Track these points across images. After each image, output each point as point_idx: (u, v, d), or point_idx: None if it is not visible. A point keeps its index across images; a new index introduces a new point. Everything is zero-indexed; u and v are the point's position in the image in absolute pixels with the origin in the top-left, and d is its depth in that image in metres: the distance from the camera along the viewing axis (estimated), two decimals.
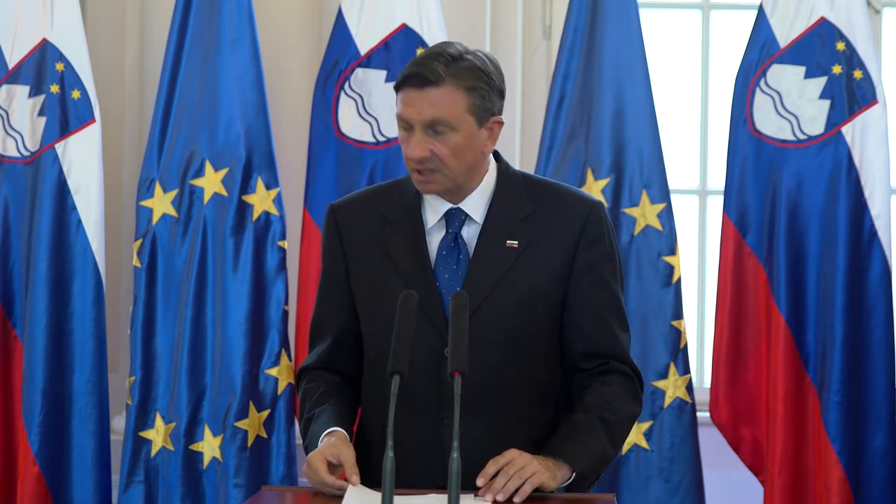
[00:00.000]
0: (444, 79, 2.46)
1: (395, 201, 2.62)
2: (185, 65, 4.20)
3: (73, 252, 4.14)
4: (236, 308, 4.14)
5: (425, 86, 2.47)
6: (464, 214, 2.57)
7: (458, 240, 2.57)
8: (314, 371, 2.69)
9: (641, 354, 4.16)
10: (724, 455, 4.32)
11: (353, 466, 2.43)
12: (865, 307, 4.11)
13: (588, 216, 2.58)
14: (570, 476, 2.48)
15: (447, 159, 2.50)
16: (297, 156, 4.46)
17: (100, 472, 4.12)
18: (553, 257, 2.55)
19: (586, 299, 2.57)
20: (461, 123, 2.49)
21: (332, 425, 2.54)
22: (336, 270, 2.65)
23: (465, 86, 2.48)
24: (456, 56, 2.49)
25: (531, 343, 2.56)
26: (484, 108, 2.51)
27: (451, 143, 2.49)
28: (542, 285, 2.55)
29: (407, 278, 2.54)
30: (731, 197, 4.20)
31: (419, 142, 2.48)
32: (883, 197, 4.14)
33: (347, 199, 2.70)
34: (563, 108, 4.24)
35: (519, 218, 2.57)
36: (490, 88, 2.51)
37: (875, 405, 4.10)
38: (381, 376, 2.57)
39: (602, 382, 2.58)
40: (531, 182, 2.64)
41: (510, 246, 2.55)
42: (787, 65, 4.17)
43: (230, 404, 4.12)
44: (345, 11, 4.27)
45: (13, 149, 4.17)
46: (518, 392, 2.54)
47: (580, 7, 4.25)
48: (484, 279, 2.53)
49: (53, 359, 4.10)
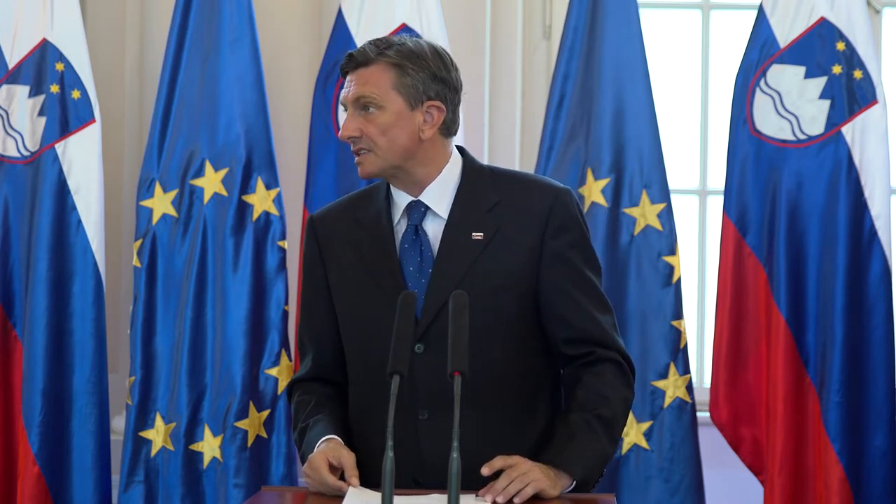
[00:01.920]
0: (373, 58, 2.53)
1: (368, 205, 2.65)
2: (185, 65, 4.20)
3: (73, 252, 4.14)
4: (236, 308, 4.14)
5: (357, 67, 2.54)
6: (423, 206, 2.58)
7: (418, 232, 2.58)
8: (305, 383, 2.70)
9: (641, 354, 4.16)
10: (724, 455, 4.32)
11: (353, 468, 2.44)
12: (865, 307, 4.11)
13: (553, 203, 2.58)
14: (570, 484, 2.48)
15: (376, 137, 2.54)
16: (297, 156, 4.46)
17: (100, 472, 4.12)
18: (520, 247, 2.56)
19: (559, 286, 2.57)
20: (386, 101, 2.53)
21: (329, 433, 2.55)
22: (317, 280, 2.67)
23: (392, 63, 2.53)
24: (392, 42, 2.56)
25: (505, 335, 2.55)
26: (414, 88, 2.54)
27: (379, 121, 2.53)
28: (510, 275, 2.55)
29: (375, 275, 2.57)
30: (731, 197, 4.20)
31: (348, 120, 2.55)
32: (883, 197, 4.14)
33: (325, 210, 2.73)
34: (563, 108, 4.24)
35: (484, 210, 2.58)
36: (421, 70, 2.53)
37: (875, 405, 4.10)
38: (361, 378, 2.61)
39: (593, 374, 2.57)
40: (497, 174, 2.65)
41: (476, 238, 2.56)
42: (787, 65, 4.17)
43: (230, 404, 4.13)
44: (345, 11, 4.27)
45: (13, 149, 4.17)
46: (494, 384, 2.53)
47: (580, 7, 4.25)
48: (451, 273, 2.53)
49: (53, 359, 4.10)
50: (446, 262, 2.55)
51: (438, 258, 2.55)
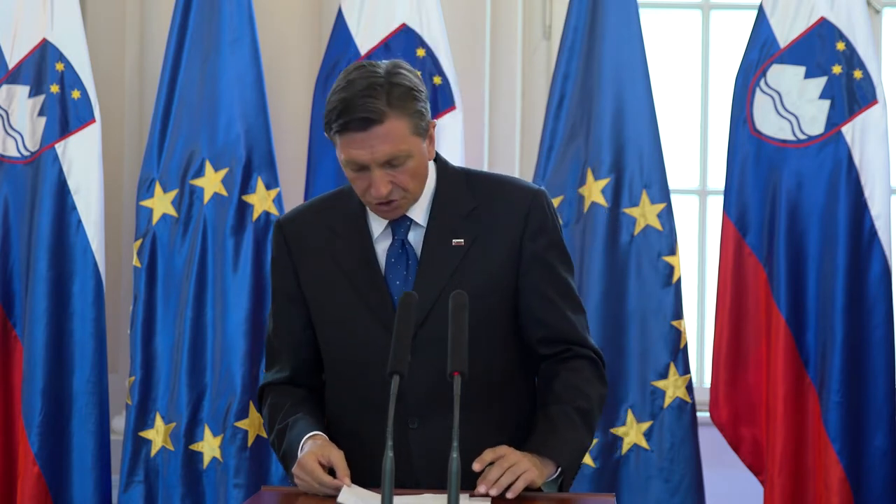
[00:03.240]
0: (387, 112, 2.45)
1: (339, 212, 2.63)
2: (185, 65, 4.20)
3: (73, 252, 4.14)
4: (236, 308, 4.15)
5: (370, 126, 2.45)
6: (409, 220, 2.59)
7: (405, 245, 2.59)
8: (278, 386, 2.70)
9: (641, 354, 4.17)
10: (724, 455, 4.32)
11: (344, 468, 2.44)
12: (865, 307, 4.11)
13: (530, 206, 2.60)
14: (554, 471, 2.51)
15: (408, 184, 2.52)
16: (297, 156, 4.46)
17: (100, 472, 4.12)
18: (500, 251, 2.58)
19: (537, 287, 2.60)
20: (412, 148, 2.50)
21: (313, 430, 2.54)
22: (288, 285, 2.66)
23: (407, 113, 2.48)
24: (385, 84, 2.47)
25: (489, 338, 2.57)
26: (424, 124, 2.52)
27: (409, 169, 2.51)
28: (492, 279, 2.57)
29: (358, 287, 2.57)
30: (731, 197, 4.20)
31: (380, 179, 2.49)
32: (883, 197, 4.14)
33: (293, 214, 2.71)
34: (563, 108, 4.24)
35: (462, 215, 2.59)
36: (420, 101, 2.51)
37: (875, 405, 4.10)
38: (342, 384, 2.62)
39: (569, 369, 2.61)
40: (472, 177, 2.65)
41: (457, 244, 2.57)
42: (787, 65, 4.17)
43: (230, 404, 4.13)
44: (345, 11, 4.27)
45: (13, 149, 4.17)
46: (480, 388, 2.53)
47: (580, 7, 4.25)
48: (433, 280, 2.54)
49: (53, 359, 4.10)
50: (429, 270, 2.56)
51: (420, 267, 2.56)
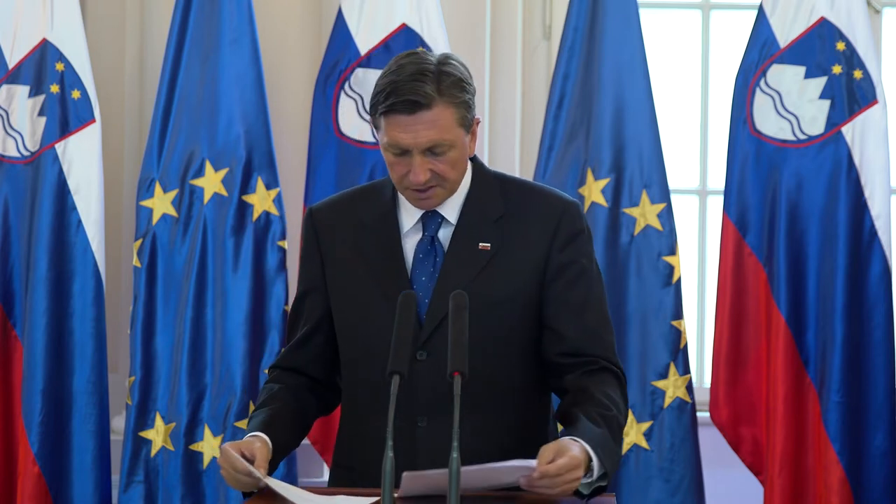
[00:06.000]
0: (435, 99, 2.44)
1: (371, 204, 2.61)
2: (185, 65, 4.20)
3: (73, 252, 4.14)
4: (236, 308, 4.15)
5: (417, 110, 2.44)
6: (440, 217, 2.57)
7: (434, 242, 2.56)
8: (281, 371, 2.68)
9: (641, 354, 4.17)
10: (724, 455, 4.32)
11: (263, 459, 2.40)
12: (865, 307, 4.11)
13: (561, 217, 2.56)
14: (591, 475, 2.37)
15: (447, 173, 2.49)
16: (297, 156, 4.46)
17: (100, 472, 4.12)
18: (527, 260, 2.54)
19: (563, 299, 2.54)
20: (456, 139, 2.48)
21: (258, 430, 2.50)
22: (313, 273, 2.64)
23: (454, 102, 2.46)
24: (436, 71, 2.45)
25: (508, 345, 2.54)
26: (470, 116, 2.51)
27: (450, 159, 2.48)
28: (515, 287, 2.53)
29: (382, 281, 2.54)
30: (731, 197, 4.20)
31: (420, 166, 2.47)
32: (883, 197, 4.14)
33: (326, 203, 2.69)
34: (563, 108, 4.24)
35: (492, 219, 2.56)
36: (468, 93, 2.49)
37: (875, 405, 4.10)
38: (358, 378, 2.59)
39: (601, 381, 2.52)
40: (505, 182, 2.62)
41: (483, 248, 2.54)
42: (787, 65, 4.17)
43: (230, 404, 4.13)
44: (345, 11, 4.27)
45: (13, 149, 4.17)
46: (495, 393, 2.52)
47: (580, 7, 4.25)
48: (456, 281, 2.50)
49: (53, 359, 4.10)
50: (453, 271, 2.53)
51: (444, 266, 2.54)
